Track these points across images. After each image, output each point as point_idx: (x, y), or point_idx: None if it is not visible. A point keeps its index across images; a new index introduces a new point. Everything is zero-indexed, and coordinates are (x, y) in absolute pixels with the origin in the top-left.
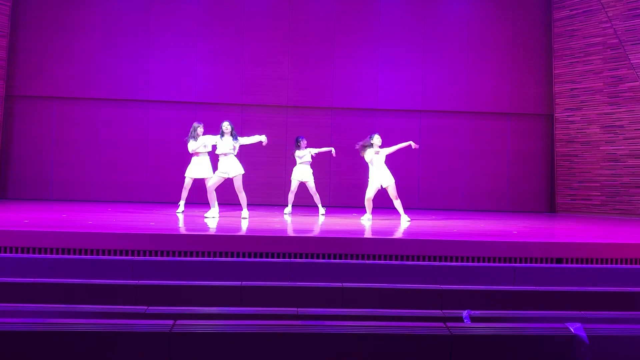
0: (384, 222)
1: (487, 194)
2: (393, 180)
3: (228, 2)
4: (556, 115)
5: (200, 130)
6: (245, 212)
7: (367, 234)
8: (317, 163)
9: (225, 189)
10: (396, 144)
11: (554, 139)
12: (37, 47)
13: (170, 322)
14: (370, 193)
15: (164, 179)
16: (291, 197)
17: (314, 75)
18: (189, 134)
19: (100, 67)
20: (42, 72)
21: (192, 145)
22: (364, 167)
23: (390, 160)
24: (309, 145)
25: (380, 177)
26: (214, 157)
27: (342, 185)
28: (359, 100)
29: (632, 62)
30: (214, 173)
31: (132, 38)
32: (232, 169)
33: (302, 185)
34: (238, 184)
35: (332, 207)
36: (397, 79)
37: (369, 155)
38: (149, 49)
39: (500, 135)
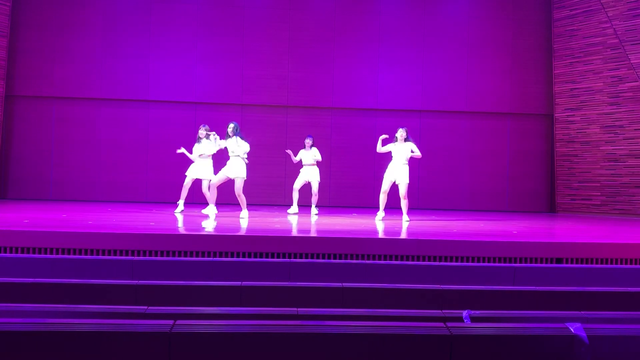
0: (384, 222)
1: (487, 194)
2: (407, 180)
3: (228, 2)
4: (556, 115)
5: (201, 133)
6: (244, 213)
7: (367, 234)
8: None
9: (226, 189)
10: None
11: (554, 139)
12: (37, 47)
13: (170, 322)
14: (384, 186)
15: (164, 179)
16: (295, 195)
17: (314, 75)
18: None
19: (100, 67)
20: (42, 72)
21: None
22: (364, 167)
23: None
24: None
25: (395, 172)
26: (219, 158)
27: (342, 185)
28: (359, 100)
29: (632, 62)
30: (215, 175)
31: (132, 38)
32: (234, 170)
33: (306, 186)
34: (238, 187)
35: (332, 207)
36: (397, 79)
37: (387, 148)
38: (149, 49)
39: (500, 135)
